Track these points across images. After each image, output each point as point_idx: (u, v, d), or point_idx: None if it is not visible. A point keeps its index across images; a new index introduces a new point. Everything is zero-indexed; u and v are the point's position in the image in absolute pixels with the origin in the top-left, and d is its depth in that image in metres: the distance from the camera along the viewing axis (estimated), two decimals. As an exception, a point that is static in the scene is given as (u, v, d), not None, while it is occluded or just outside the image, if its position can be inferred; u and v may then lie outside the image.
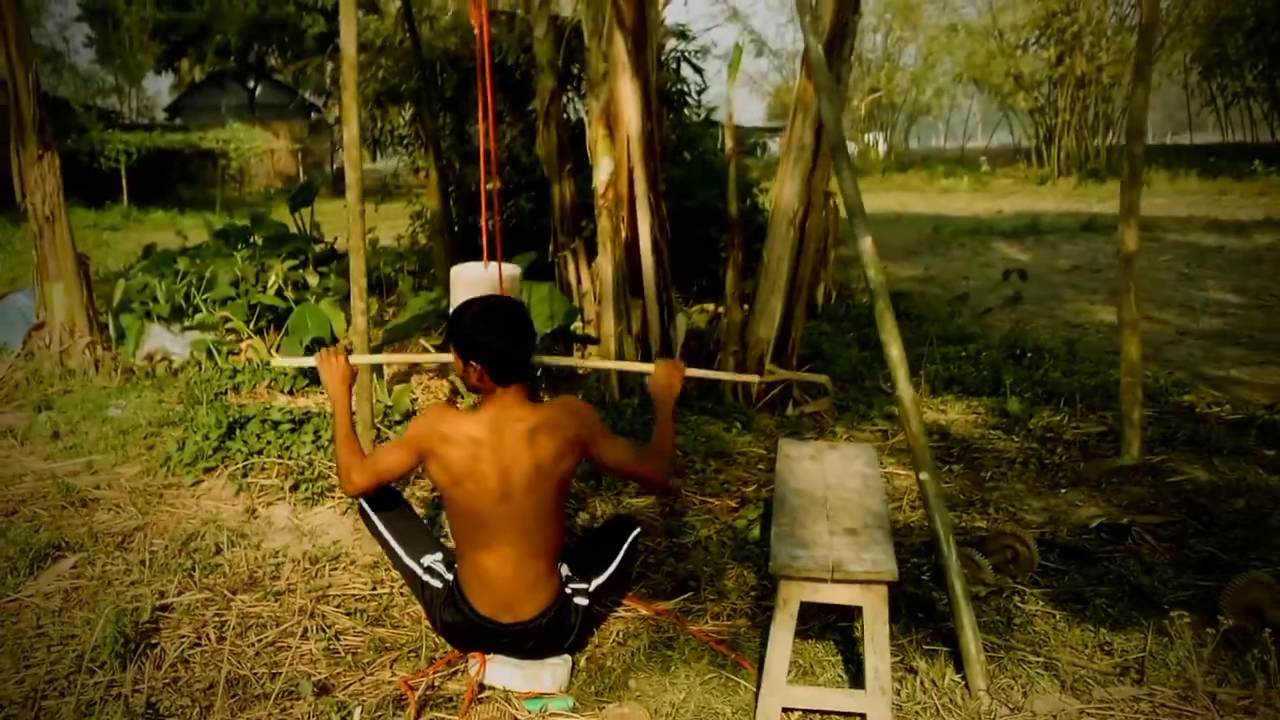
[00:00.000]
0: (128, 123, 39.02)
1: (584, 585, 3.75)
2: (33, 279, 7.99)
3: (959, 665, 3.83)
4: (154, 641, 3.94)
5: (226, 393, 7.11)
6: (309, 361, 4.09)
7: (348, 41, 4.69)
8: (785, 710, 3.54)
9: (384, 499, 3.96)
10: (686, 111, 12.32)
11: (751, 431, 6.51)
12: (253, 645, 3.96)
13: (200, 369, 7.64)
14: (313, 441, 5.93)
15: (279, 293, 8.44)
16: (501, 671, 3.68)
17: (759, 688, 3.68)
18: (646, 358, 6.90)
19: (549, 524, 3.57)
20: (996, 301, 10.94)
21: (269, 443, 5.91)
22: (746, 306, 7.02)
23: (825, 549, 3.44)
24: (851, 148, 44.28)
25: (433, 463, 3.55)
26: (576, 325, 7.25)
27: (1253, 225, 18.83)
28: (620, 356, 6.70)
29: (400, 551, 3.82)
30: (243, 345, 8.00)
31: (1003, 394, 7.20)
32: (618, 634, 4.11)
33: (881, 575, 3.31)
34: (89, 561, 4.65)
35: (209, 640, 3.96)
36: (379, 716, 3.48)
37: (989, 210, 24.23)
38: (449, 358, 3.75)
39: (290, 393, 7.23)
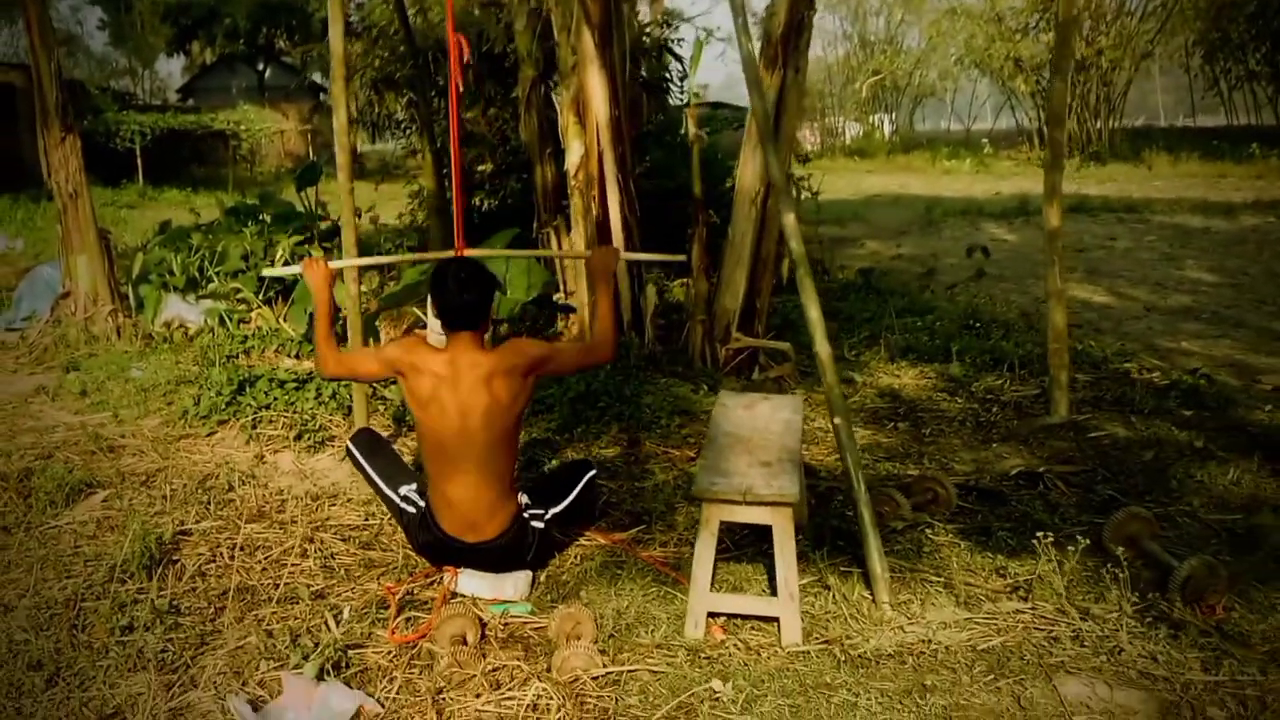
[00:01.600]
0: (141, 104, 39.75)
1: (541, 512, 4.40)
2: (58, 252, 8.65)
3: (869, 584, 4.46)
4: (175, 558, 4.60)
5: (238, 356, 7.77)
6: (295, 269, 4.92)
7: (335, 38, 5.33)
8: (711, 615, 4.18)
9: (368, 442, 4.63)
10: (669, 97, 12.95)
11: (716, 394, 7.13)
12: (259, 562, 4.62)
13: (213, 335, 8.30)
14: (315, 398, 6.57)
15: (286, 266, 9.08)
16: (470, 582, 4.33)
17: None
18: (619, 324, 7.54)
19: (504, 453, 4.23)
20: (970, 278, 11.53)
21: (276, 399, 6.55)
22: (715, 279, 7.64)
23: (741, 477, 4.06)
24: (855, 129, 45.09)
25: (404, 382, 4.24)
26: (559, 295, 7.89)
27: (1241, 207, 19.24)
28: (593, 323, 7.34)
29: (381, 484, 4.48)
30: (252, 314, 8.65)
31: (953, 361, 7.82)
32: (575, 557, 4.75)
33: (785, 498, 3.94)
34: (117, 496, 5.31)
35: (222, 558, 4.62)
36: (365, 614, 4.14)
37: (987, 192, 24.67)
38: (410, 258, 4.46)
39: (296, 356, 7.88)
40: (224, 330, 8.34)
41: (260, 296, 8.83)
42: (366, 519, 5.12)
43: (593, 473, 4.70)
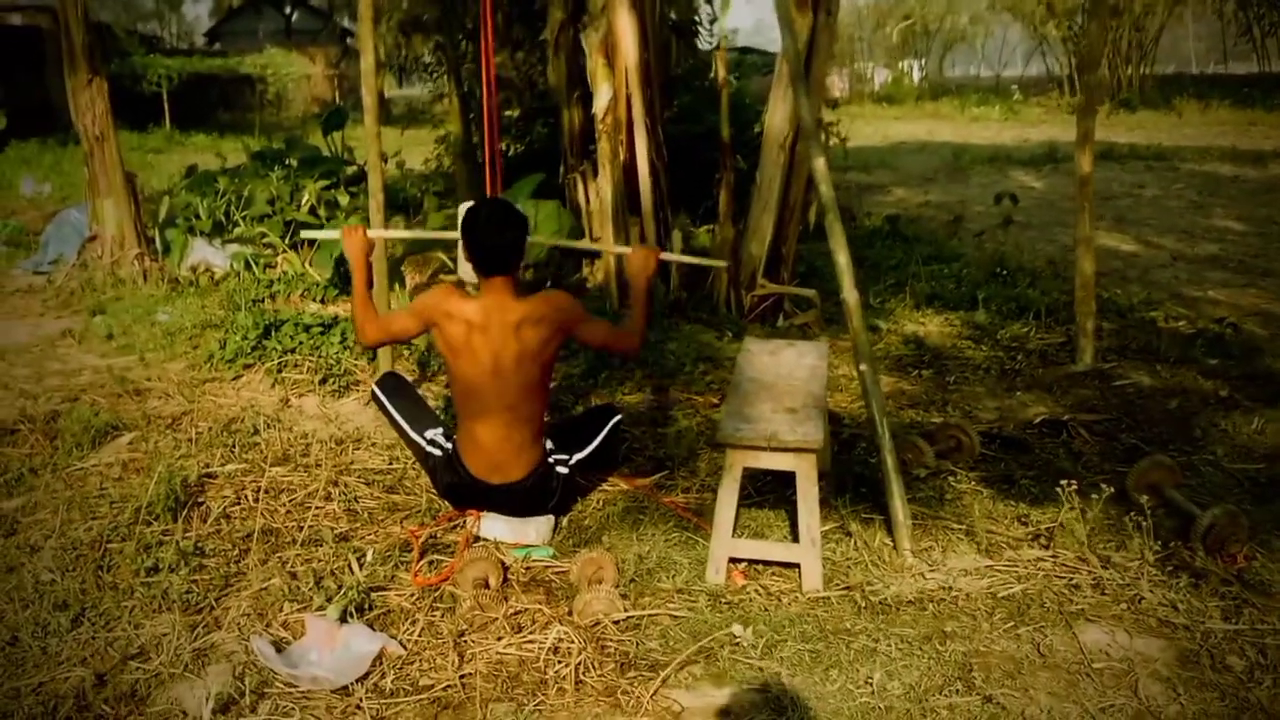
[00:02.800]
0: (168, 48, 39.73)
1: (566, 457, 4.40)
2: (85, 195, 8.66)
3: (891, 531, 4.44)
4: (200, 500, 4.62)
5: (264, 300, 7.78)
6: (334, 233, 4.83)
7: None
8: (733, 560, 4.17)
9: (393, 386, 4.63)
10: (698, 41, 12.81)
11: (741, 341, 7.09)
12: (284, 505, 4.63)
13: (240, 279, 8.30)
14: (340, 342, 6.58)
15: (312, 210, 9.07)
16: (493, 525, 4.33)
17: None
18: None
19: (533, 398, 4.21)
20: (997, 225, 11.41)
21: (301, 343, 6.56)
22: (741, 225, 7.58)
23: (766, 423, 4.04)
24: (884, 75, 44.52)
25: (436, 333, 4.20)
26: (585, 241, 7.85)
27: (1271, 155, 18.93)
28: (620, 268, 7.30)
29: (407, 427, 4.48)
30: (278, 259, 8.65)
31: (978, 308, 7.75)
32: (597, 502, 4.75)
33: (809, 444, 3.91)
34: (143, 439, 5.34)
35: (246, 501, 4.64)
36: (388, 557, 4.15)
37: (1016, 139, 24.37)
38: (454, 235, 4.41)
39: (321, 301, 7.88)
40: (250, 275, 8.34)
41: (286, 241, 8.82)
42: (390, 463, 5.12)
43: (618, 418, 4.70)
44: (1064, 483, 4.34)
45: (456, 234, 4.34)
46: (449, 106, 12.75)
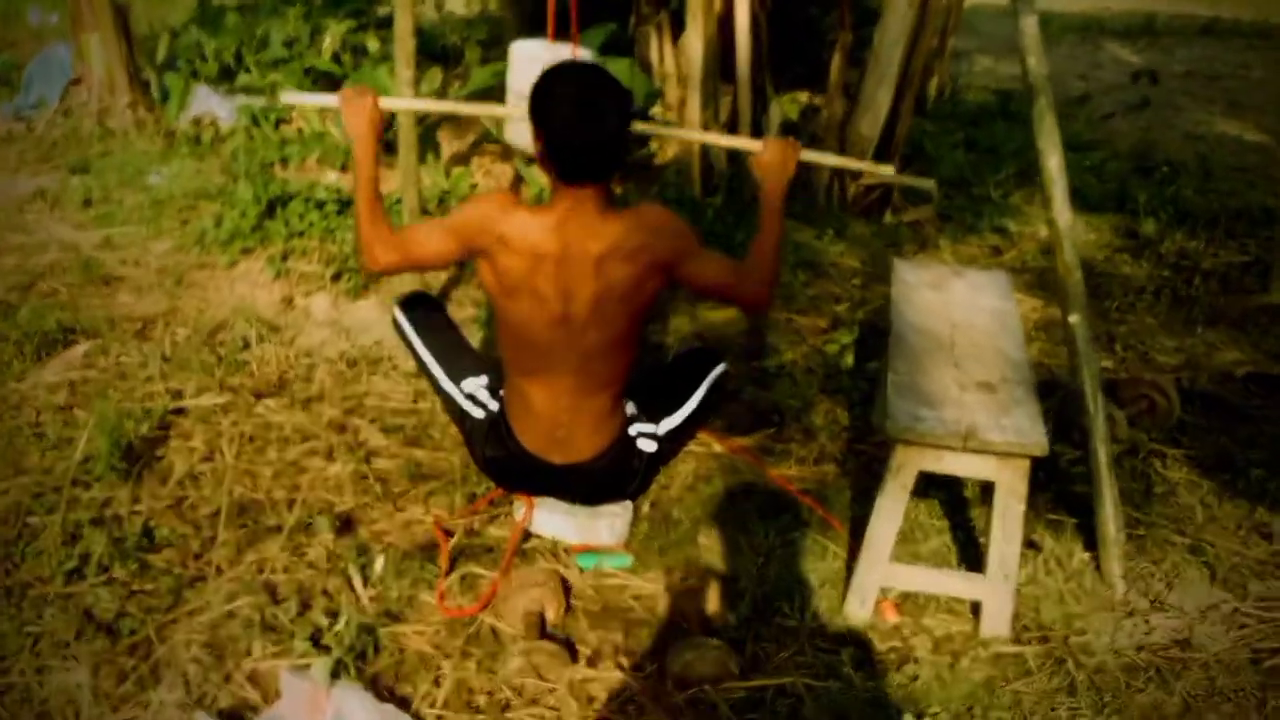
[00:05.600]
0: None
1: (651, 428, 3.12)
2: (68, 30, 7.29)
3: (1089, 542, 3.23)
4: (160, 454, 3.42)
5: (273, 165, 6.47)
6: (329, 99, 3.17)
7: None
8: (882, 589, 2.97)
9: (422, 309, 3.36)
10: None
11: (845, 240, 5.78)
12: (271, 463, 3.43)
13: (250, 137, 6.98)
14: (360, 225, 5.31)
15: (335, 57, 7.66)
16: (551, 519, 3.12)
17: (851, 557, 3.10)
18: (735, 150, 6.13)
19: (616, 355, 2.92)
20: (1115, 106, 9.89)
21: (312, 224, 5.29)
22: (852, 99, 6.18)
23: (955, 408, 2.78)
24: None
25: (484, 264, 2.83)
26: (656, 110, 6.46)
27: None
28: (706, 149, 5.93)
29: (439, 373, 3.20)
30: (294, 114, 7.30)
31: (1130, 211, 6.36)
32: (685, 475, 3.53)
33: (1027, 448, 2.66)
34: (102, 351, 4.11)
35: (222, 455, 3.43)
36: (406, 564, 2.94)
37: (1096, 7, 22.47)
38: (501, 110, 3.09)
39: (343, 169, 6.57)
40: (260, 131, 7.01)
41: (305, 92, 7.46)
42: (416, 399, 3.91)
43: (721, 369, 3.36)
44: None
45: (507, 108, 3.01)
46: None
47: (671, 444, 3.19)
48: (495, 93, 7.27)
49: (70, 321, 4.32)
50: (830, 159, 3.84)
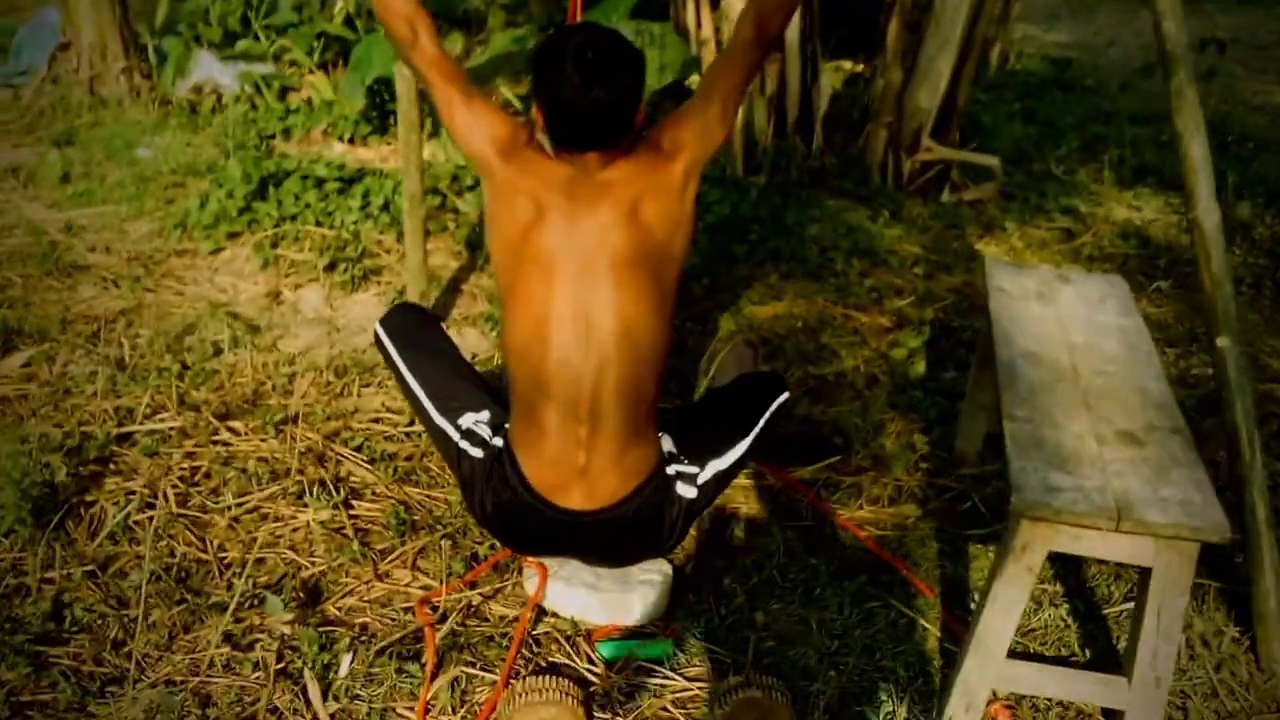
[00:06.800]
0: None
1: (693, 469, 2.37)
2: (57, -12, 6.56)
3: (1241, 616, 2.49)
4: (91, 498, 2.69)
5: (274, 137, 5.72)
6: None
7: None
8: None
9: (412, 324, 2.62)
10: None
11: (901, 222, 5.00)
12: (226, 511, 2.70)
13: (254, 107, 6.22)
14: (361, 208, 4.57)
15: (348, 21, 6.90)
16: (570, 594, 2.38)
17: (946, 634, 2.38)
18: (781, 124, 5.32)
19: (654, 341, 2.23)
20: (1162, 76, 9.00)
21: (307, 206, 4.55)
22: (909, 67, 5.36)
23: (1097, 471, 2.02)
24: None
25: (490, 184, 2.26)
26: (693, 80, 5.67)
27: None
28: (749, 122, 5.14)
29: (429, 406, 2.45)
30: (303, 81, 6.55)
31: (1215, 190, 5.55)
32: (736, 527, 2.79)
33: (1200, 532, 1.90)
34: (48, 357, 3.38)
35: (166, 500, 2.70)
36: (379, 671, 2.20)
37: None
38: None
39: (349, 141, 5.82)
40: (262, 100, 6.26)
41: (314, 59, 6.70)
42: (412, 420, 3.16)
43: (784, 398, 2.63)
44: None
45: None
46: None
47: (715, 490, 2.44)
48: (515, 59, 6.53)
49: (17, 321, 3.59)
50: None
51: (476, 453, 2.36)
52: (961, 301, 4.25)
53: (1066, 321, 2.62)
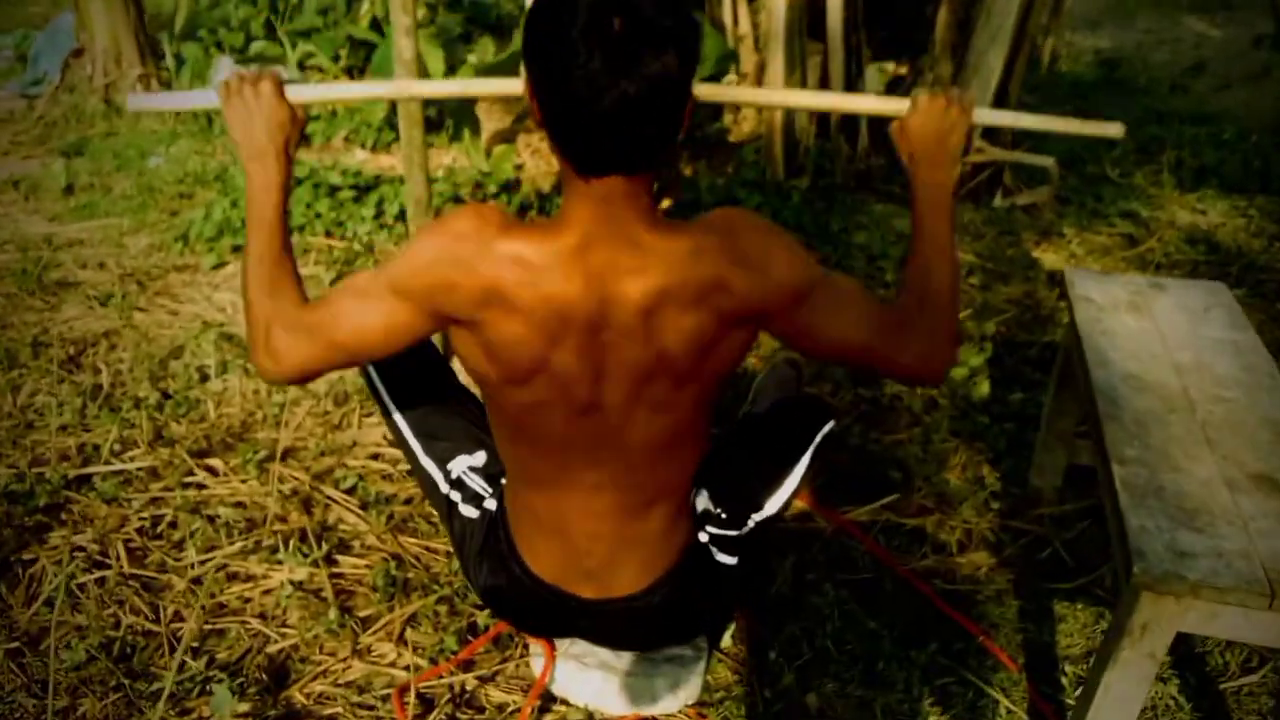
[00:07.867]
0: None
1: (733, 531, 1.88)
2: (71, -5, 6.19)
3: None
4: (31, 557, 2.26)
5: (291, 145, 5.32)
6: (202, 99, 1.87)
7: None
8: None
9: (401, 363, 2.14)
10: None
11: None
12: (191, 567, 2.26)
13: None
14: (374, 217, 4.15)
15: (374, 24, 6.49)
16: (583, 678, 1.92)
17: (1032, 715, 1.90)
18: (824, 123, 4.83)
19: (677, 454, 1.70)
20: (1232, 75, 8.44)
21: (318, 215, 4.14)
22: (960, 61, 4.87)
23: (1236, 530, 1.54)
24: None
25: (466, 339, 1.57)
26: (730, 77, 5.20)
27: None
28: (790, 121, 4.66)
29: (414, 441, 1.99)
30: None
31: (1277, 192, 5.04)
32: (784, 575, 2.32)
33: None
34: (13, 387, 2.97)
35: (119, 559, 2.26)
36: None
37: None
38: (501, 89, 1.82)
39: (371, 148, 5.40)
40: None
41: (340, 65, 6.30)
42: (413, 454, 2.72)
43: (830, 427, 2.05)
44: None
45: (506, 85, 1.78)
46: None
47: (760, 548, 1.96)
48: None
49: (-11, 346, 3.19)
50: (1028, 118, 2.10)
51: (470, 512, 1.90)
52: (1024, 314, 3.76)
53: (1168, 338, 2.13)
